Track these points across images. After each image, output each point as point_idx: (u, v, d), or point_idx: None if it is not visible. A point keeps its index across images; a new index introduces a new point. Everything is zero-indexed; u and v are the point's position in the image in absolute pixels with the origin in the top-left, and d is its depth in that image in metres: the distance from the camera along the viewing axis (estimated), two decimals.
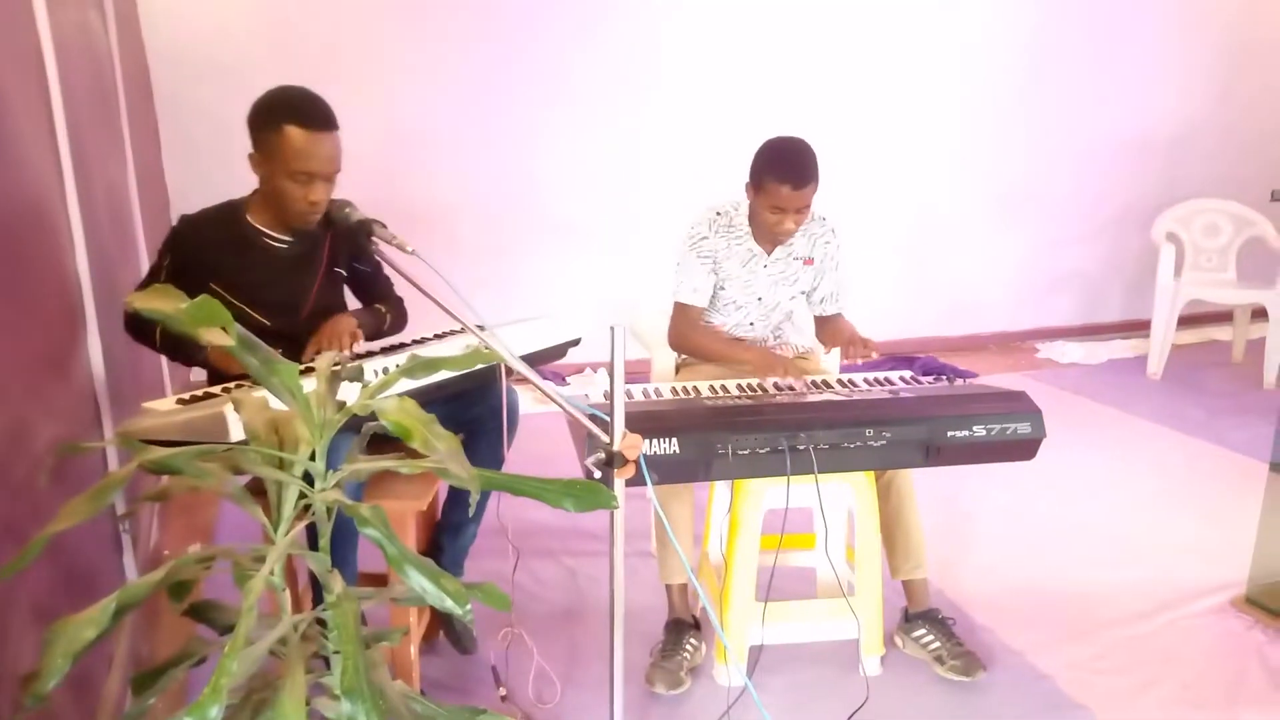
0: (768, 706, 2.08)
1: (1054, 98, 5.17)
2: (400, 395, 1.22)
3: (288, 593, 1.33)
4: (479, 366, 1.55)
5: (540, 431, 2.74)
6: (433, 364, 1.40)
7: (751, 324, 2.73)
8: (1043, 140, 5.23)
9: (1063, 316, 5.59)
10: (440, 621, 2.42)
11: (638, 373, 2.86)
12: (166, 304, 1.17)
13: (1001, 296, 5.47)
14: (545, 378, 4.37)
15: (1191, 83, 5.38)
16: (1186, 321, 4.93)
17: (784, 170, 2.43)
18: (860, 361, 2.47)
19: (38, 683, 1.08)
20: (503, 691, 2.27)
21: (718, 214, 2.67)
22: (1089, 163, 5.34)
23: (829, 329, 2.73)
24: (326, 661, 1.42)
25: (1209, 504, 3.38)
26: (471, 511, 1.36)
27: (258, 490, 1.35)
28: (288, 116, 1.98)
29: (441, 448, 1.16)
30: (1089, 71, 5.18)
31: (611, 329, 1.59)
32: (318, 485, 1.31)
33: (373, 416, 1.27)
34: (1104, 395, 4.55)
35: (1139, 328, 5.23)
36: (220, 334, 1.14)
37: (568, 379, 4.70)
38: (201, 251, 2.09)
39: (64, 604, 1.69)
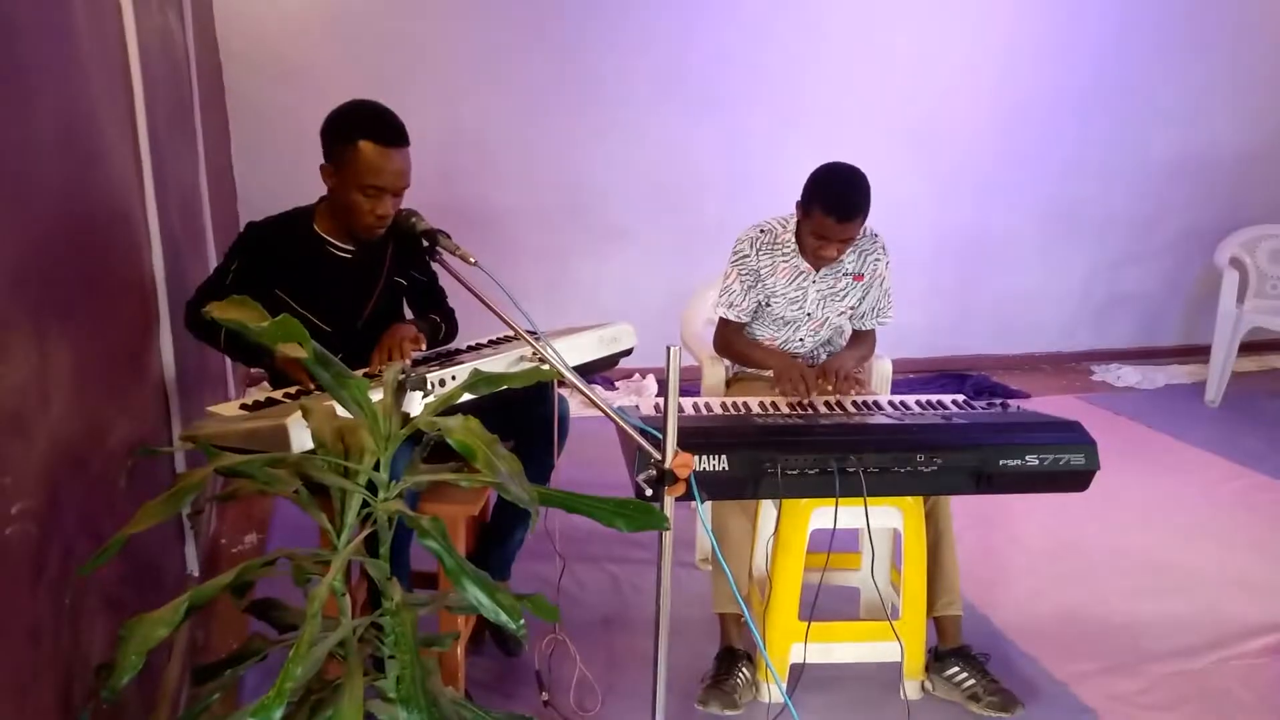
0: None
1: (1116, 114, 5.08)
2: (464, 414, 1.25)
3: (348, 597, 1.37)
4: None
5: (588, 435, 2.77)
6: (494, 380, 1.43)
7: (801, 340, 2.74)
8: (1103, 157, 5.14)
9: (1119, 339, 5.50)
10: (488, 623, 2.46)
11: (687, 380, 2.87)
12: (246, 316, 1.22)
13: (1057, 316, 5.40)
14: (595, 382, 4.39)
15: (1261, 101, 5.25)
16: (1248, 348, 4.82)
17: (831, 203, 2.45)
18: (830, 389, 2.49)
19: (113, 676, 1.13)
20: (545, 696, 2.30)
21: (761, 231, 2.69)
22: (1150, 182, 5.24)
23: (843, 350, 2.78)
24: (378, 662, 1.46)
25: (1264, 539, 3.31)
26: (531, 532, 1.39)
27: (316, 488, 1.40)
28: (362, 131, 2.02)
29: (504, 469, 1.19)
30: (1152, 87, 5.08)
31: (668, 350, 1.62)
32: (381, 495, 1.35)
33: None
34: (1159, 421, 4.47)
35: (1198, 353, 5.13)
36: (296, 348, 1.19)
37: (616, 384, 4.74)
38: (268, 258, 2.15)
39: (130, 592, 1.76)
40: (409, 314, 2.44)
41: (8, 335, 1.15)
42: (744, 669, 2.34)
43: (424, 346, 2.21)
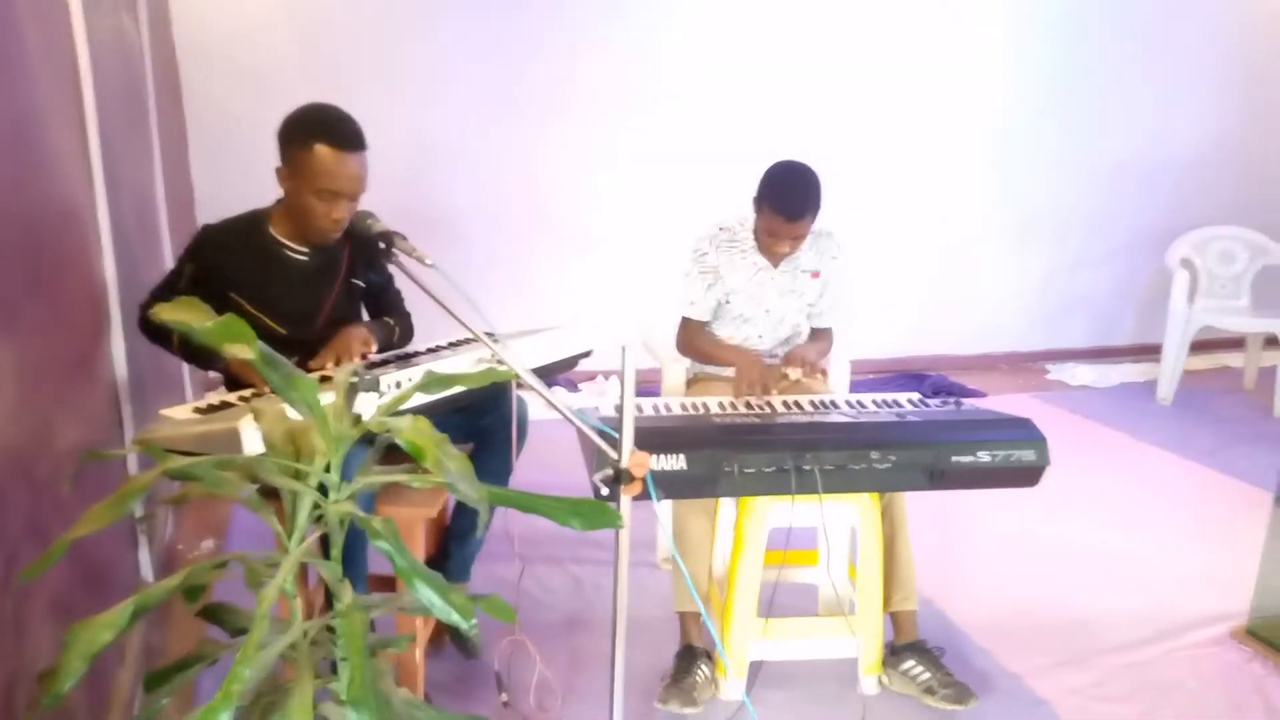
0: None
1: (1070, 121, 5.17)
2: (414, 414, 1.26)
3: (299, 599, 1.36)
4: None
5: (548, 438, 2.77)
6: (447, 380, 1.43)
7: (760, 336, 2.77)
8: (1058, 163, 5.24)
9: (1075, 338, 5.60)
10: (446, 625, 2.46)
11: (650, 381, 2.89)
12: (192, 317, 1.21)
13: (1014, 317, 5.48)
14: (557, 384, 4.40)
15: (1209, 107, 5.38)
16: (1199, 346, 4.92)
17: (780, 201, 2.52)
18: (794, 376, 2.53)
19: (55, 682, 1.11)
20: (505, 697, 2.30)
21: (720, 229, 2.73)
22: (1104, 186, 5.34)
23: (804, 343, 2.81)
24: (334, 665, 1.46)
25: (1213, 533, 3.38)
26: (481, 533, 1.39)
27: (270, 492, 1.39)
28: (318, 134, 2.01)
29: (453, 468, 1.19)
30: (1105, 95, 5.19)
31: (623, 349, 1.63)
32: (332, 496, 1.35)
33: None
34: (1113, 419, 4.56)
35: (1151, 351, 5.22)
36: (244, 349, 1.18)
37: (580, 386, 4.74)
38: (222, 261, 2.13)
39: (80, 597, 1.73)
40: (366, 317, 2.43)
41: None
42: (703, 667, 2.35)
43: (374, 349, 2.20)
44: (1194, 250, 4.88)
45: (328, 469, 1.34)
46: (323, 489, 1.35)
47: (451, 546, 2.41)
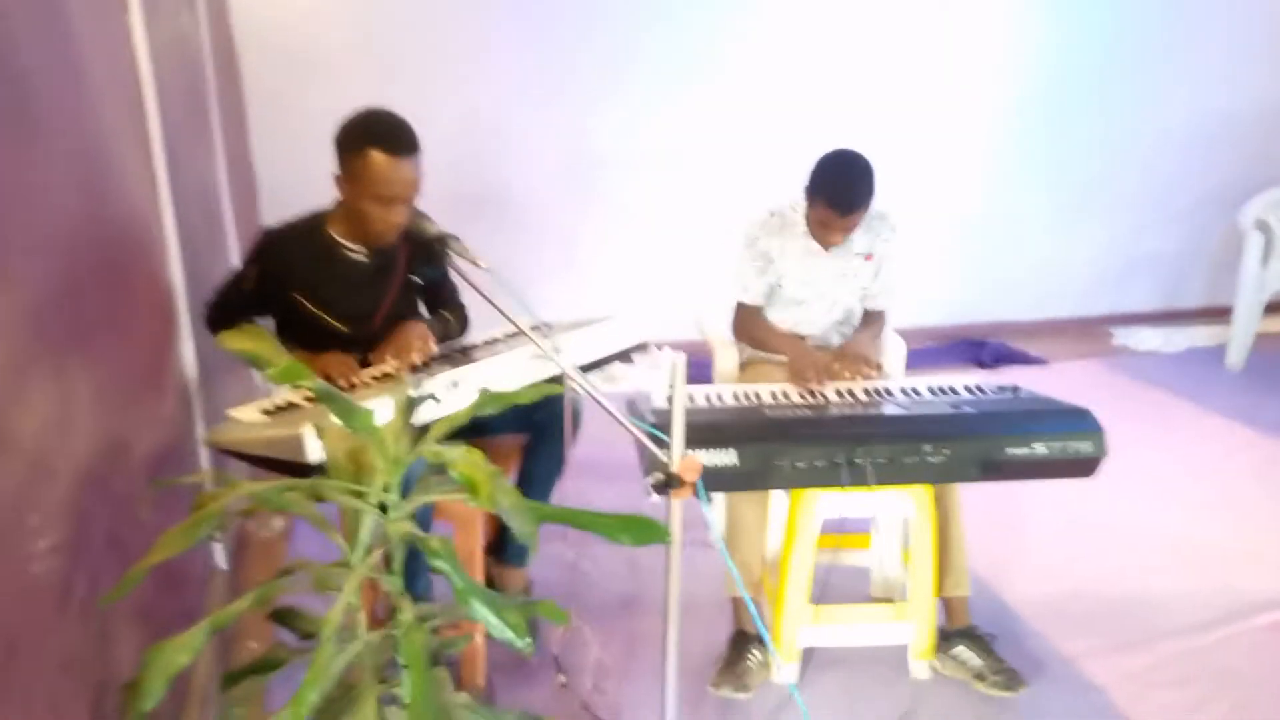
0: (819, 707, 2.15)
1: (1133, 75, 4.96)
2: (467, 445, 1.30)
3: (362, 613, 1.43)
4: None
5: (603, 421, 2.81)
6: (501, 398, 1.48)
7: (814, 320, 2.77)
8: (1122, 119, 5.04)
9: (1141, 301, 5.43)
10: None
11: (704, 355, 2.91)
12: (257, 348, 1.27)
13: (1077, 280, 5.33)
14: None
15: None
16: (1273, 309, 4.75)
17: (833, 194, 2.50)
18: (848, 375, 2.50)
19: (138, 701, 1.19)
20: (563, 679, 2.38)
21: (771, 214, 2.72)
22: (1171, 143, 5.13)
23: (856, 333, 2.79)
24: (399, 665, 1.53)
25: (1278, 510, 3.30)
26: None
27: None
28: (372, 141, 2.05)
29: (505, 503, 1.23)
30: (1171, 46, 4.95)
31: (673, 364, 1.65)
32: (391, 514, 1.40)
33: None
34: (1179, 387, 4.44)
35: (1222, 314, 5.05)
36: (305, 387, 1.23)
37: (633, 356, 4.76)
38: (285, 264, 2.20)
39: (155, 590, 1.81)
40: (423, 310, 2.48)
41: (28, 380, 1.21)
42: (755, 652, 2.40)
43: (433, 347, 2.26)
44: (1269, 210, 4.68)
45: (386, 488, 1.40)
46: (383, 507, 1.41)
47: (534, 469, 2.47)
